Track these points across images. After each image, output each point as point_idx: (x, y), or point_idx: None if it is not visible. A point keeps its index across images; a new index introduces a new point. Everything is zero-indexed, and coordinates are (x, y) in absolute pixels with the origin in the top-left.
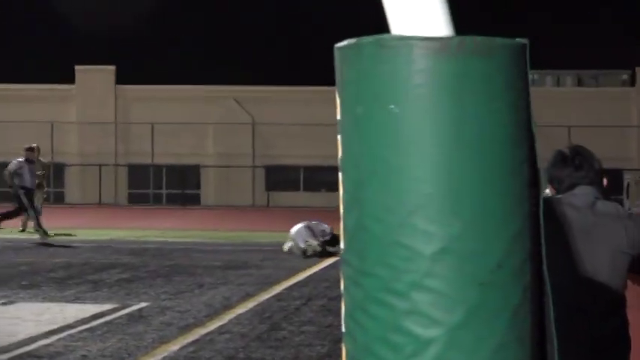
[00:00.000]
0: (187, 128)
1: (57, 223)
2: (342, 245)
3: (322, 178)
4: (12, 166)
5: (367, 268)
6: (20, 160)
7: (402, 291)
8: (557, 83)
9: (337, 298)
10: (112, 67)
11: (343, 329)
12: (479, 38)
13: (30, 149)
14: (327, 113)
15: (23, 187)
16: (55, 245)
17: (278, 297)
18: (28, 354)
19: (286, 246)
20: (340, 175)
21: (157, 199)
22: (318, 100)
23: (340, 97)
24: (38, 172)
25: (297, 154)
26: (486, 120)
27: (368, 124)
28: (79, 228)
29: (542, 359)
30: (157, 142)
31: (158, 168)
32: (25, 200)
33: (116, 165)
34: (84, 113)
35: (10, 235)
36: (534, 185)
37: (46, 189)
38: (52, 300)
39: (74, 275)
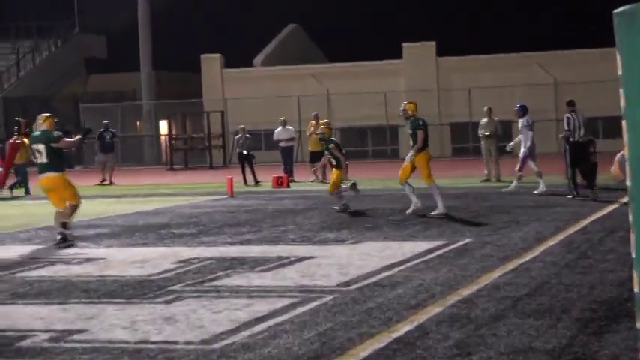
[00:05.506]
0: (498, 90)
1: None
2: (628, 183)
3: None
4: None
5: None
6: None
7: None
8: None
9: None
10: (433, 43)
11: (633, 255)
12: None
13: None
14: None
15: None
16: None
17: (583, 230)
18: (375, 283)
19: None
20: (624, 122)
21: (477, 151)
22: (604, 58)
23: (620, 56)
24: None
25: (592, 106)
26: None
27: None
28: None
29: None
30: (474, 104)
31: (475, 125)
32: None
33: (440, 124)
34: (411, 83)
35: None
36: None
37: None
38: (391, 238)
39: (409, 218)
